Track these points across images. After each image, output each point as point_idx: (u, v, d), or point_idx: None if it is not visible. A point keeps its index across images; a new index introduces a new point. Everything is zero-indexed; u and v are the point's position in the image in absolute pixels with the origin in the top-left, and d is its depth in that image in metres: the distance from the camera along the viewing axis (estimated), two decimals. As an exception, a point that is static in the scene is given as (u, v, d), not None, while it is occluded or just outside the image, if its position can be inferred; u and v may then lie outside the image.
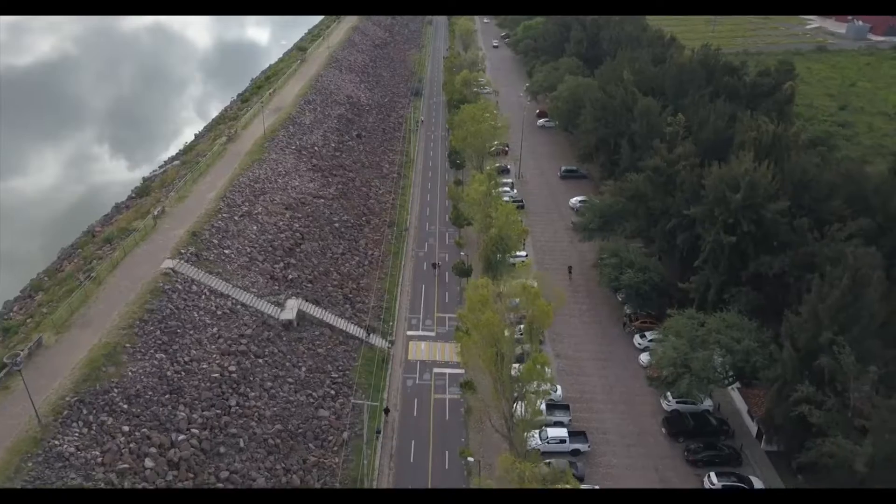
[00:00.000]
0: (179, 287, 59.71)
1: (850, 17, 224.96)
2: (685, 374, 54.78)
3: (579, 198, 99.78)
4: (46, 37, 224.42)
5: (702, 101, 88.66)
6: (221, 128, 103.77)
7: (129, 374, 49.38)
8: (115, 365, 49.39)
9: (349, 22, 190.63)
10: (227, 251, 68.09)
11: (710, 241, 62.70)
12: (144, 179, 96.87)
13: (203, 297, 60.39)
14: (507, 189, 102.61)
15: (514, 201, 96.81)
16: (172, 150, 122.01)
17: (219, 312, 59.73)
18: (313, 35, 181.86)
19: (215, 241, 68.29)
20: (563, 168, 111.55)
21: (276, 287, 67.73)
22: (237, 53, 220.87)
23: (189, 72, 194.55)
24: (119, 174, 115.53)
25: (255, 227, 74.31)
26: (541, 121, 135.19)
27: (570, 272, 79.40)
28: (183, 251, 64.79)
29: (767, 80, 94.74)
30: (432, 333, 70.62)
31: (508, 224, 69.02)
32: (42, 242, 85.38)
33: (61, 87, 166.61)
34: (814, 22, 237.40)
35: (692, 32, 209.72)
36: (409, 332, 70.53)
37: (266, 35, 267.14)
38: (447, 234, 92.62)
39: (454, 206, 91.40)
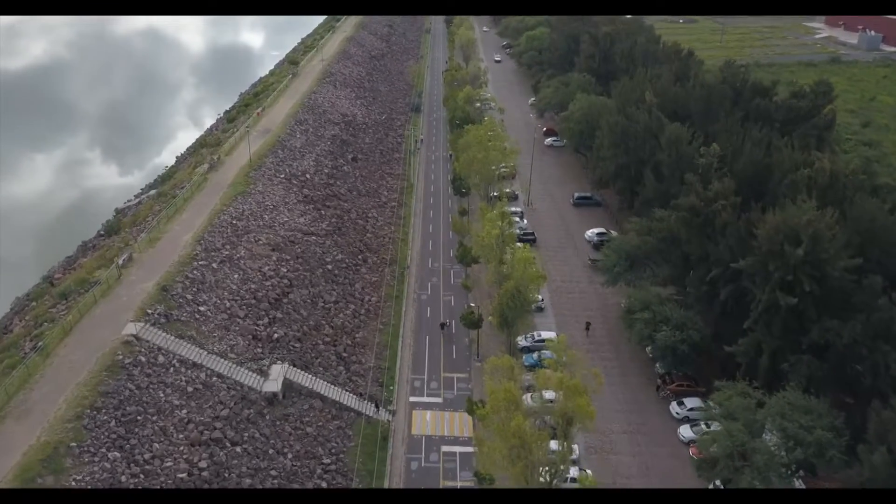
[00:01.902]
0: (143, 359, 50.56)
1: (860, 26, 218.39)
2: (744, 468, 46.02)
3: (597, 230, 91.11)
4: (38, 41, 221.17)
5: (734, 126, 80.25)
6: (204, 152, 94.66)
7: (73, 483, 40.20)
8: (55, 473, 40.24)
9: (344, 32, 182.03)
10: (202, 308, 58.95)
11: (762, 300, 53.99)
12: (117, 211, 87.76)
13: (171, 369, 51.27)
14: (517, 219, 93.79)
15: (524, 234, 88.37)
16: (165, 157, 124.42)
17: (190, 389, 50.60)
18: (306, 46, 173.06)
19: (189, 297, 59.15)
20: (576, 195, 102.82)
21: (260, 349, 58.66)
22: (229, 58, 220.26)
23: (180, 77, 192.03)
24: (108, 179, 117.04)
25: (236, 276, 65.22)
26: (548, 140, 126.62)
27: (587, 328, 70.31)
28: (150, 311, 55.65)
29: (803, 102, 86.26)
30: (439, 399, 61.60)
31: (526, 273, 60.11)
32: (35, 248, 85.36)
33: (52, 91, 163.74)
34: (823, 31, 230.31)
35: (700, 42, 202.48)
36: (413, 399, 61.46)
37: (259, 39, 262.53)
38: (452, 271, 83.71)
39: (460, 242, 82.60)
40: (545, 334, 68.94)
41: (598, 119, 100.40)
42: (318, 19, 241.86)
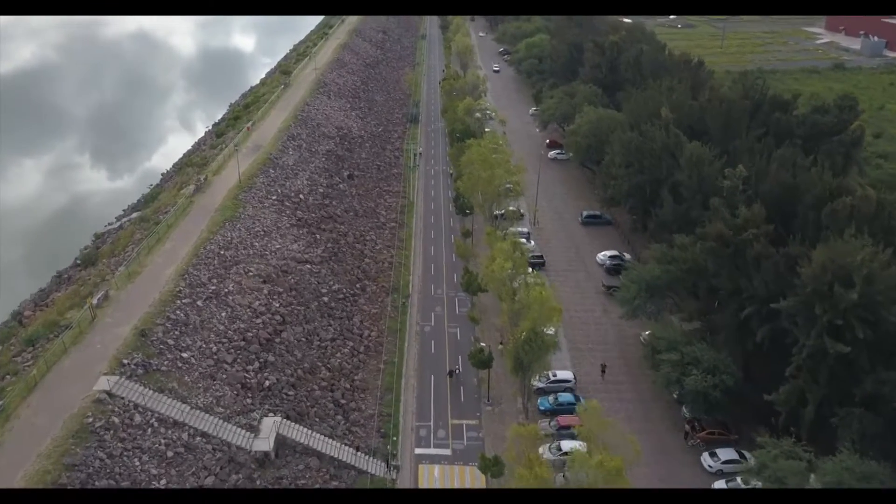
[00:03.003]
0: (116, 420, 44.76)
1: (862, 32, 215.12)
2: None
3: (609, 253, 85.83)
4: (26, 44, 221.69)
5: (756, 145, 75.30)
6: (190, 171, 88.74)
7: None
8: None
9: (338, 38, 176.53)
10: (185, 354, 53.16)
11: (807, 346, 48.80)
12: (96, 237, 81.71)
13: (150, 430, 45.49)
14: (524, 240, 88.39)
15: (533, 258, 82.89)
16: (155, 161, 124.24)
17: (170, 454, 44.83)
18: (298, 53, 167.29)
19: (170, 342, 53.34)
20: (585, 213, 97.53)
21: (250, 399, 52.93)
22: (219, 61, 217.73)
23: (170, 80, 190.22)
24: (97, 184, 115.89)
25: (224, 314, 59.44)
26: (552, 152, 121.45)
27: (603, 371, 64.87)
28: (126, 361, 49.80)
29: (827, 117, 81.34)
30: (447, 451, 55.93)
31: (543, 313, 54.59)
32: (15, 264, 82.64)
33: (39, 94, 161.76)
34: (824, 37, 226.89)
35: (700, 48, 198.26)
36: (419, 450, 55.77)
37: (249, 43, 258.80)
38: (456, 299, 78.22)
39: (465, 268, 77.14)
40: (561, 374, 63.57)
41: (608, 133, 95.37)
42: (311, 24, 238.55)
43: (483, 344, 62.25)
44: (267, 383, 55.02)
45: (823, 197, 61.05)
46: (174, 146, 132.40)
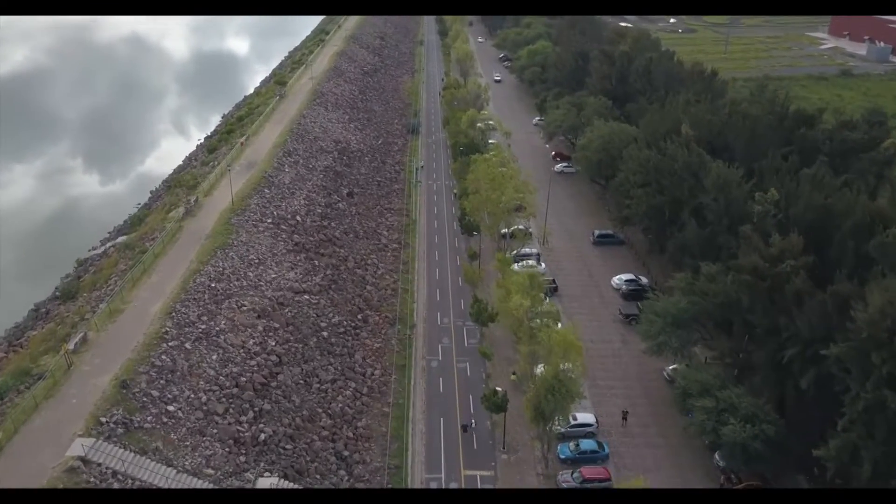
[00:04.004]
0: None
1: (866, 37, 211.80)
2: None
3: (625, 277, 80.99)
4: (18, 46, 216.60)
5: (784, 164, 70.68)
6: (179, 192, 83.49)
7: None
8: None
9: (334, 45, 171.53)
10: (171, 407, 47.94)
11: (863, 398, 44.00)
12: (78, 263, 76.38)
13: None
14: (533, 262, 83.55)
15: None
16: (148, 164, 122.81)
17: (152, 530, 39.56)
18: (294, 62, 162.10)
19: (155, 393, 48.13)
20: (597, 232, 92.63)
21: (243, 457, 47.72)
22: (213, 64, 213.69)
23: (164, 84, 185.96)
24: (89, 187, 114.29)
25: (214, 357, 54.25)
26: (558, 166, 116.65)
27: (624, 418, 59.83)
28: (104, 419, 44.59)
29: (856, 134, 76.74)
30: (461, 509, 50.89)
31: (567, 356, 49.62)
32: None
33: (32, 98, 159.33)
34: (828, 42, 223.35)
35: (702, 53, 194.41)
36: (430, 508, 50.75)
37: (244, 45, 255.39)
38: (465, 329, 73.21)
39: (474, 296, 72.22)
40: (581, 416, 58.58)
41: (620, 149, 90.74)
42: (306, 25, 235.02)
43: (499, 388, 56.94)
44: (262, 436, 49.83)
45: (864, 224, 56.50)
46: (167, 150, 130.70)
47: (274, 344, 59.29)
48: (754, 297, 54.82)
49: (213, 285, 61.91)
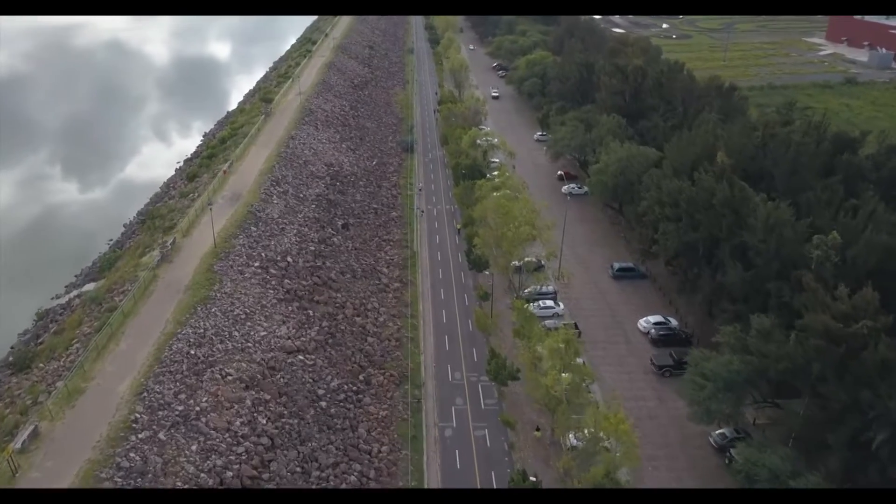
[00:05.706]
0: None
1: (865, 43, 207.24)
2: None
3: (653, 319, 73.07)
4: None
5: (834, 196, 63.42)
6: (155, 232, 74.37)
7: None
8: None
9: (322, 56, 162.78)
10: (141, 523, 39.06)
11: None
12: (38, 317, 67.01)
13: None
14: (549, 303, 75.54)
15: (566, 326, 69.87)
16: (129, 170, 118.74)
17: None
18: (280, 75, 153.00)
19: (120, 507, 39.22)
20: (616, 265, 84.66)
21: (230, 583, 38.97)
22: (194, 70, 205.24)
23: (144, 91, 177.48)
24: (68, 195, 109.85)
25: (194, 447, 45.45)
26: (566, 187, 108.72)
27: None
28: (55, 551, 35.66)
29: (905, 159, 69.71)
30: None
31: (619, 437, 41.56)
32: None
33: (9, 104, 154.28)
34: (826, 47, 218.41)
35: (700, 60, 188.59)
36: None
37: (225, 50, 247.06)
38: (480, 385, 64.81)
39: (491, 350, 64.08)
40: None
41: (639, 174, 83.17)
42: (292, 30, 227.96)
43: (533, 478, 48.63)
44: (253, 552, 41.10)
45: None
46: (144, 167, 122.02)
47: (265, 422, 50.58)
48: (827, 364, 47.17)
49: (192, 352, 53.05)
